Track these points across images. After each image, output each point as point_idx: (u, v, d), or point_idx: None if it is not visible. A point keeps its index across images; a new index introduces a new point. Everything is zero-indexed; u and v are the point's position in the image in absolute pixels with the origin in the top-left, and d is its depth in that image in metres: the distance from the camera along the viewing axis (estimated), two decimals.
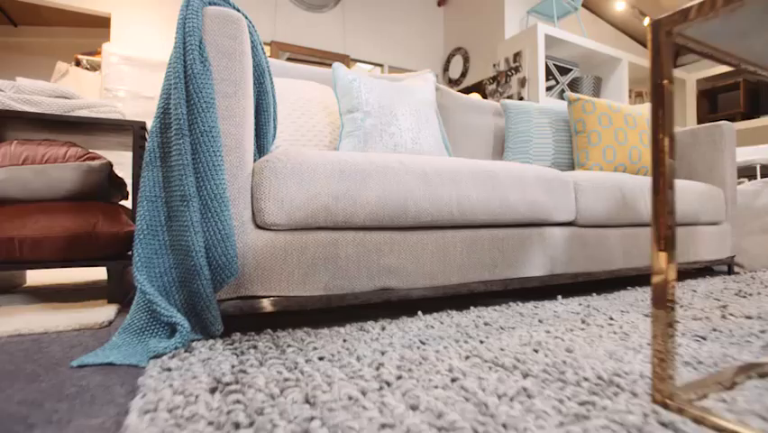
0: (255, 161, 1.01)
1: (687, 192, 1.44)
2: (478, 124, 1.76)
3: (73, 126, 1.10)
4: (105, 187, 1.05)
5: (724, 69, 3.20)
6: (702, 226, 1.50)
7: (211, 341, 0.73)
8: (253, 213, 0.84)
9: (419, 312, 0.93)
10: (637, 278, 1.49)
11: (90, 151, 1.03)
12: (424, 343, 0.72)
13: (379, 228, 0.93)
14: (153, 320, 0.73)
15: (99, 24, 3.41)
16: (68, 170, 0.98)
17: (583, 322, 0.85)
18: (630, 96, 3.26)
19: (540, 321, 0.86)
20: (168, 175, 0.77)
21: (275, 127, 1.07)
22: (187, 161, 0.74)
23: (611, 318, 0.88)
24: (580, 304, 1.02)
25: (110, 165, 1.03)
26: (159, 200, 0.77)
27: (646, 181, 1.34)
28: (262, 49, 0.95)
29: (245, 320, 0.94)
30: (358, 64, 3.69)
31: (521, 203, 1.08)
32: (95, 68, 3.05)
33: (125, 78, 2.86)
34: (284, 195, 0.83)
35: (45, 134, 1.15)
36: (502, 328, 0.81)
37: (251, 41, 0.90)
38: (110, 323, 0.90)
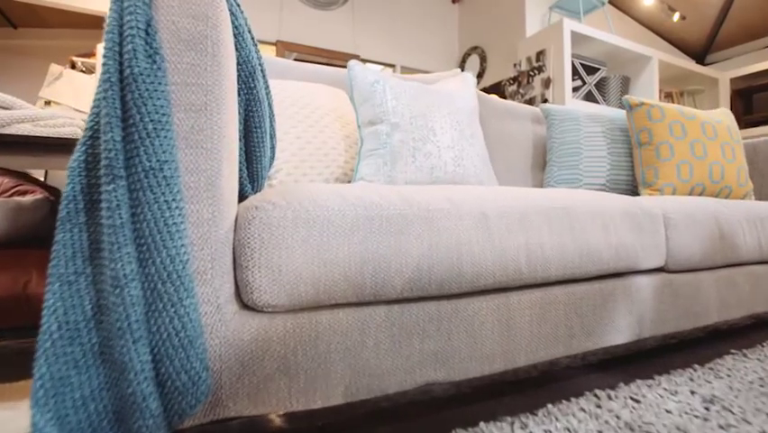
0: (246, 195, 0.70)
1: None
2: (514, 132, 1.44)
3: (8, 146, 0.79)
4: (45, 229, 0.74)
5: (760, 66, 2.84)
6: None
7: None
8: (237, 287, 0.53)
9: (481, 423, 0.62)
10: (731, 333, 1.12)
11: (23, 182, 0.72)
12: None
13: (421, 299, 0.62)
14: None
15: (98, 25, 3.09)
16: None
17: None
18: (660, 98, 2.91)
19: None
20: (97, 239, 0.46)
21: (273, 147, 0.76)
22: (122, 219, 0.43)
23: None
24: (694, 392, 0.71)
25: (49, 201, 0.72)
26: (82, 280, 0.46)
27: (744, 208, 1.01)
28: (253, 39, 0.63)
29: None
30: (368, 65, 3.36)
31: (604, 248, 0.76)
32: (90, 70, 2.74)
33: None
34: (283, 260, 0.51)
35: None
36: None
37: (235, 27, 0.58)
38: None
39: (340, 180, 0.93)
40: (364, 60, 3.26)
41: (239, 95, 0.62)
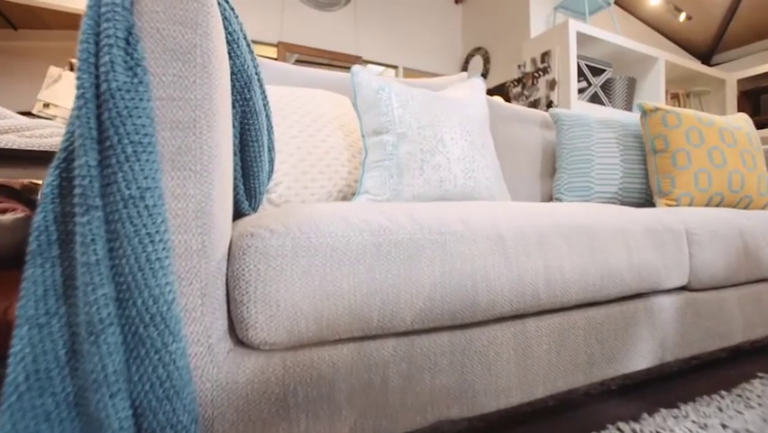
0: (244, 212, 0.64)
1: None
2: (522, 137, 1.38)
3: None
4: (26, 250, 0.68)
5: (767, 67, 2.76)
6: None
7: None
8: (231, 323, 0.47)
9: None
10: (753, 353, 1.03)
11: (2, 199, 0.67)
12: None
13: (433, 330, 0.57)
14: None
15: None
16: None
17: None
18: (666, 99, 2.84)
19: None
20: (72, 274, 0.41)
21: (271, 160, 0.70)
22: (98, 256, 0.37)
23: None
24: (725, 426, 0.65)
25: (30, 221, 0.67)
26: (54, 321, 0.40)
27: (766, 220, 0.95)
28: (249, 46, 0.58)
29: None
30: (370, 66, 3.30)
31: (626, 269, 0.71)
32: None
33: None
34: (281, 294, 0.46)
35: None
36: None
37: (229, 33, 0.53)
38: None
39: (343, 193, 0.87)
40: (366, 62, 3.19)
41: (233, 107, 0.57)
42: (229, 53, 0.53)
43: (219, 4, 0.51)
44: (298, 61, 3.06)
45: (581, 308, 0.69)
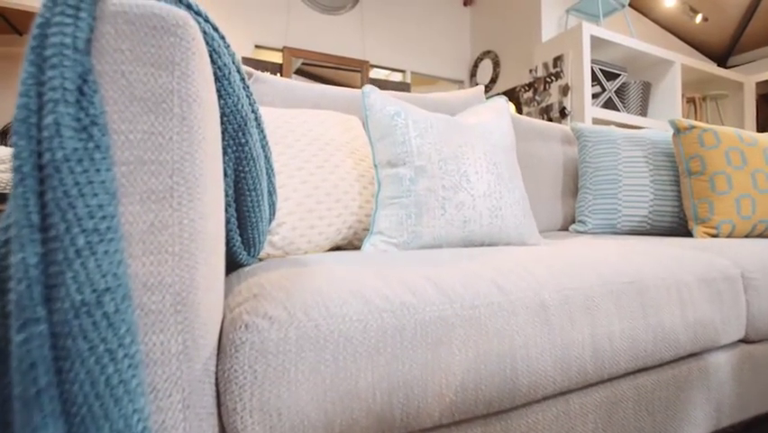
0: (241, 262, 0.55)
1: None
2: (542, 153, 1.27)
3: None
4: None
5: None
6: None
7: None
8: (223, 428, 0.38)
9: None
10: None
11: None
12: None
13: (464, 421, 0.47)
14: None
15: None
16: None
17: None
18: (682, 104, 2.71)
19: None
20: (10, 395, 0.31)
21: (272, 204, 0.60)
22: (39, 386, 0.28)
23: None
24: None
25: None
26: None
27: None
28: (244, 81, 0.48)
29: None
30: (376, 70, 3.18)
31: (681, 328, 0.60)
32: None
33: None
34: (283, 400, 0.36)
35: None
36: None
37: (218, 68, 0.43)
38: None
39: (354, 229, 0.77)
40: (373, 66, 3.08)
41: (226, 153, 0.47)
42: (219, 92, 0.43)
43: (205, 33, 0.41)
44: (304, 65, 2.95)
45: (629, 376, 0.59)
